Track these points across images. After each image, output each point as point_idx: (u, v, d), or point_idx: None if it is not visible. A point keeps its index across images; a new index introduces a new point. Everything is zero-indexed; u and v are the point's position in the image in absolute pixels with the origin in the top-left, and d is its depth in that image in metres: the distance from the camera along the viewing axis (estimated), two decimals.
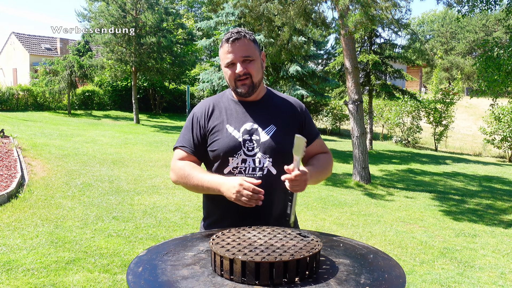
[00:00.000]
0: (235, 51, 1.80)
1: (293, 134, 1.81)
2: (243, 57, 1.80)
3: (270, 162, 1.82)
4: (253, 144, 1.83)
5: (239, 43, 1.81)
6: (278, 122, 1.87)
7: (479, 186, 10.31)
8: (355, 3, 8.26)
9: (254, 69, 1.83)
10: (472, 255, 5.13)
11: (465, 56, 52.64)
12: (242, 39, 1.81)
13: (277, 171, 1.82)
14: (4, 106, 20.46)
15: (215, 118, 1.90)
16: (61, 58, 21.42)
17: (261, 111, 1.90)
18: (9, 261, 3.95)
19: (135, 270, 1.35)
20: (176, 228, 5.31)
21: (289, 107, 1.94)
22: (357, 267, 1.38)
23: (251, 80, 1.83)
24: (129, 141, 13.18)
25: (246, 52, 1.81)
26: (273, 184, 1.81)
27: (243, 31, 1.83)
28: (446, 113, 19.21)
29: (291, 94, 14.50)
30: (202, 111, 1.93)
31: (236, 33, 1.81)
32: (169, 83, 26.13)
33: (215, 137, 1.87)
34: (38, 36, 34.47)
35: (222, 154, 1.84)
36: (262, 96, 1.94)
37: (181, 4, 39.85)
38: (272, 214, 1.84)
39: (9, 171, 7.23)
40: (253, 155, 1.82)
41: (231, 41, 1.80)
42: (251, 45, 1.84)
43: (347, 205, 7.27)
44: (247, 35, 1.83)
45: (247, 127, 1.85)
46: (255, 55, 1.84)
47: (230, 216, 1.84)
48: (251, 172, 1.81)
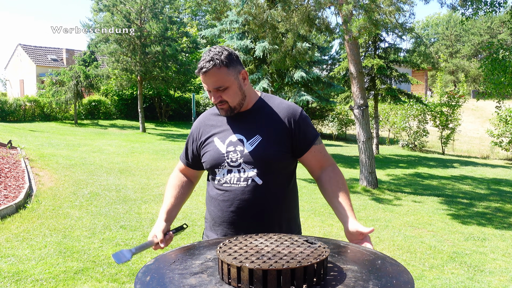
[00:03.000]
0: (206, 81, 1.80)
1: (280, 144, 1.84)
2: (214, 88, 1.80)
3: (255, 172, 1.81)
4: (236, 155, 1.83)
5: (210, 74, 1.77)
6: (265, 132, 1.85)
7: (488, 189, 10.23)
8: (358, 8, 8.27)
9: (229, 96, 1.82)
10: (482, 259, 5.08)
11: (470, 58, 52.46)
12: (212, 70, 1.76)
13: (263, 181, 1.82)
14: (11, 117, 20.64)
15: (206, 132, 1.96)
16: (67, 68, 21.58)
17: (250, 121, 1.89)
18: (18, 271, 3.97)
19: (143, 279, 1.36)
20: (183, 236, 5.32)
21: (280, 115, 1.88)
22: (365, 273, 1.37)
23: (228, 105, 1.84)
24: (135, 150, 13.23)
25: (217, 83, 1.78)
26: (260, 194, 1.82)
27: (214, 59, 1.76)
28: (452, 116, 19.11)
29: (296, 100, 14.50)
30: (197, 125, 2.03)
31: (207, 62, 1.76)
32: (175, 91, 26.24)
33: (205, 150, 1.94)
34: (44, 47, 34.79)
35: (209, 167, 1.92)
36: (252, 105, 1.92)
37: (185, 12, 40.09)
38: (261, 223, 1.84)
39: (17, 181, 7.28)
40: (237, 166, 1.83)
41: (202, 73, 1.78)
42: (222, 73, 1.78)
43: (355, 211, 7.21)
44: (217, 63, 1.76)
45: (232, 138, 1.87)
46: (228, 82, 1.80)
47: (221, 227, 1.91)
48: (236, 182, 1.83)
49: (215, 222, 1.92)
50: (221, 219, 1.89)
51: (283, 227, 1.89)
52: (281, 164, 1.86)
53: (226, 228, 1.88)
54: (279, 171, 1.87)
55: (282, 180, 1.89)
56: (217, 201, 1.89)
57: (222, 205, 1.87)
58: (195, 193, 7.82)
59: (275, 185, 1.85)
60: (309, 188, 8.89)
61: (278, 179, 1.87)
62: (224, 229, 1.89)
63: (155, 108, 26.03)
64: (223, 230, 1.89)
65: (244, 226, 1.84)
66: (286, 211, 1.92)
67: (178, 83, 22.17)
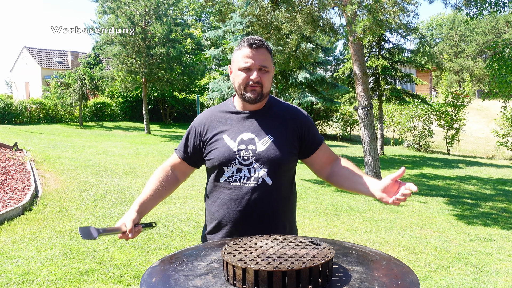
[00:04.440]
0: (255, 57, 1.80)
1: (290, 145, 1.86)
2: (260, 66, 1.81)
3: (266, 172, 1.81)
4: (248, 154, 1.82)
5: (260, 51, 1.81)
6: (276, 133, 1.86)
7: (493, 189, 10.18)
8: (362, 9, 8.26)
9: (267, 80, 1.83)
10: (488, 259, 5.05)
11: (475, 58, 52.24)
12: (263, 48, 1.82)
13: (273, 182, 1.82)
14: (17, 120, 20.76)
15: (213, 128, 1.92)
16: (72, 71, 21.69)
17: (260, 121, 1.89)
18: (24, 273, 3.99)
19: (148, 280, 1.36)
20: (188, 238, 5.32)
21: (290, 117, 1.92)
22: (370, 275, 1.37)
23: (262, 89, 1.83)
24: (140, 151, 13.26)
25: (265, 62, 1.82)
26: (269, 194, 1.82)
27: (264, 41, 1.84)
28: (457, 116, 19.05)
29: (300, 101, 14.50)
30: (202, 120, 1.97)
31: (258, 41, 1.81)
32: (179, 93, 26.31)
33: (212, 147, 1.89)
34: (50, 50, 34.97)
35: (217, 164, 1.87)
36: (263, 105, 1.94)
37: (189, 14, 40.19)
38: (269, 224, 1.83)
39: (23, 183, 7.32)
40: (248, 164, 1.82)
41: (253, 47, 1.80)
42: (269, 56, 1.85)
43: (360, 211, 7.23)
44: (267, 46, 1.84)
45: (243, 137, 1.86)
46: (270, 67, 1.85)
47: (227, 227, 1.87)
48: (246, 181, 1.82)
49: (219, 222, 1.89)
50: (228, 219, 1.86)
51: (287, 228, 1.90)
52: (289, 165, 1.88)
53: (232, 228, 1.85)
54: (286, 172, 1.88)
55: (287, 181, 1.91)
56: (223, 201, 1.86)
57: (230, 204, 1.84)
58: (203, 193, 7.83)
59: (282, 186, 1.86)
60: (314, 189, 8.88)
61: (285, 180, 1.88)
62: (230, 229, 1.86)
63: (160, 109, 26.10)
64: (228, 231, 1.86)
65: (251, 226, 1.82)
66: (290, 212, 1.94)
67: (182, 85, 22.23)
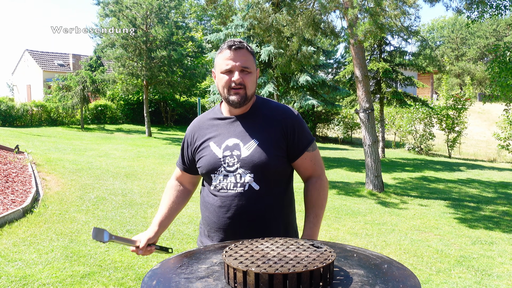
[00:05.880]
0: (236, 59, 1.79)
1: (277, 148, 1.82)
2: (242, 67, 1.79)
3: (252, 177, 1.79)
4: (233, 160, 1.81)
5: (241, 53, 1.80)
6: (261, 137, 1.83)
7: (495, 192, 10.16)
8: (364, 12, 8.27)
9: (249, 81, 1.82)
10: (490, 263, 5.04)
11: (476, 61, 52.24)
12: (244, 49, 1.81)
13: (260, 187, 1.80)
14: (18, 122, 20.79)
15: (201, 136, 1.92)
16: (73, 73, 21.72)
17: (245, 125, 1.86)
18: (25, 276, 3.99)
19: (149, 283, 1.36)
20: (189, 241, 5.32)
21: (276, 119, 1.87)
22: (372, 278, 1.37)
23: (245, 91, 1.81)
24: (141, 154, 13.27)
25: (246, 63, 1.80)
26: (257, 199, 1.80)
27: (245, 43, 1.83)
28: (458, 119, 19.03)
29: (301, 104, 14.50)
30: (191, 129, 1.99)
31: (238, 42, 1.81)
32: (180, 95, 26.33)
33: (200, 155, 1.90)
34: (51, 53, 35.04)
35: (205, 172, 1.88)
36: (249, 109, 1.90)
37: (190, 17, 40.26)
38: (260, 229, 1.81)
39: (24, 186, 7.32)
40: (234, 171, 1.80)
41: (233, 48, 1.79)
42: (250, 57, 1.83)
43: (361, 214, 7.22)
44: (248, 47, 1.83)
45: (229, 143, 1.84)
46: (252, 68, 1.83)
47: (218, 233, 1.87)
48: (232, 188, 1.80)
49: (211, 229, 1.89)
50: (217, 225, 1.85)
51: (280, 232, 1.87)
52: (278, 169, 1.84)
53: (222, 234, 1.85)
54: (276, 176, 1.84)
55: (279, 186, 1.87)
56: (213, 207, 1.86)
57: (218, 211, 1.84)
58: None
59: (272, 191, 1.83)
60: None
61: (275, 184, 1.85)
62: (220, 236, 1.86)
63: (161, 112, 26.12)
64: (219, 237, 1.86)
65: (241, 232, 1.81)
66: (283, 217, 1.90)
67: (183, 88, 22.22)
